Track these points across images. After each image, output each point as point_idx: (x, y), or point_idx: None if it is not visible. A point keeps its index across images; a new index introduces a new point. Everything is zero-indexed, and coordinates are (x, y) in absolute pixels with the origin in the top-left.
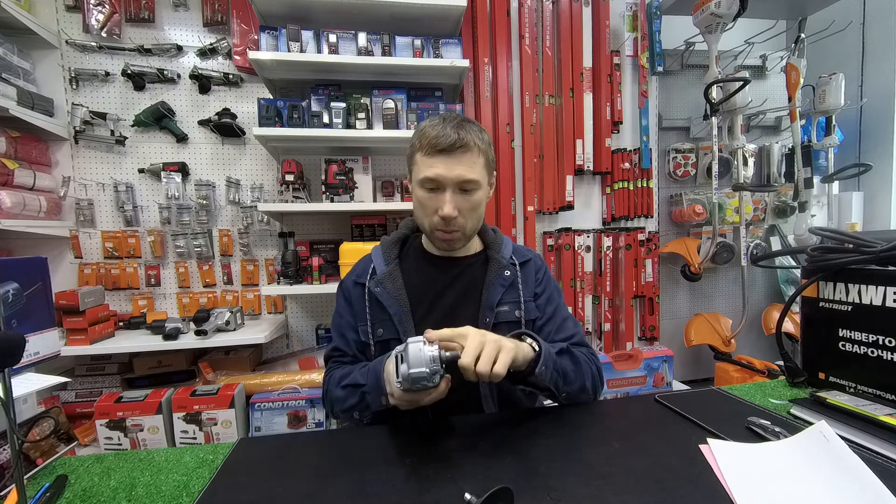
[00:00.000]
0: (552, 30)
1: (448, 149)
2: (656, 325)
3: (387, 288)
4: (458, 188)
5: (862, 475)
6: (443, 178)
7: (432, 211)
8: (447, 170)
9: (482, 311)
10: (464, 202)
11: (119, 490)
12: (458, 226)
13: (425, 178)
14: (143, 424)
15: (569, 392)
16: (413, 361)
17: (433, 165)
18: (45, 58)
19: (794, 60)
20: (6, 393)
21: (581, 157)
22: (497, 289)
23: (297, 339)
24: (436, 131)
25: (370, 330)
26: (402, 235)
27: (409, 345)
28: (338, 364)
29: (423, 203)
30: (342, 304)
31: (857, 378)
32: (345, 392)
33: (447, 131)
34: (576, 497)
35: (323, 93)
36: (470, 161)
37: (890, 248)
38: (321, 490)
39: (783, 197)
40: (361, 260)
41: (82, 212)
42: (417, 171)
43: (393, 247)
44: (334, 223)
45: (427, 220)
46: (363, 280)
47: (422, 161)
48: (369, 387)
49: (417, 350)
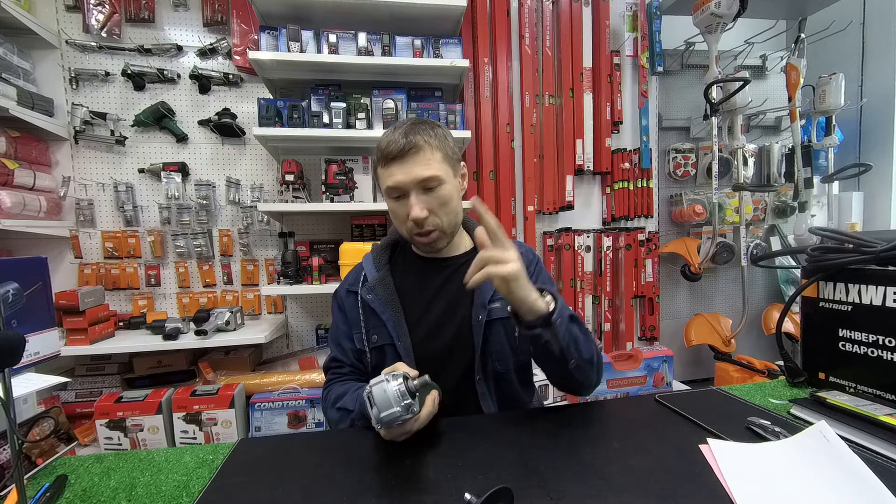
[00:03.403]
0: (552, 30)
1: (399, 155)
2: (656, 325)
3: (378, 294)
4: (420, 189)
5: (862, 475)
6: (402, 183)
7: (404, 218)
8: (404, 174)
9: (475, 308)
10: (431, 200)
11: (119, 490)
12: (434, 224)
13: (388, 188)
14: (143, 424)
15: (578, 361)
16: (381, 404)
17: (392, 174)
18: (45, 58)
19: (794, 60)
20: (6, 393)
21: (581, 157)
22: (488, 285)
23: (297, 339)
24: (386, 141)
25: (365, 337)
26: (392, 241)
27: (372, 388)
28: (336, 376)
29: (395, 212)
30: (337, 313)
31: (857, 378)
32: (338, 415)
33: (395, 137)
34: (576, 497)
35: (323, 93)
36: (424, 160)
37: (890, 248)
38: (321, 490)
39: (783, 197)
40: (354, 268)
41: (82, 212)
42: (381, 183)
43: (383, 252)
44: (334, 223)
45: (404, 228)
46: (355, 288)
47: (382, 173)
48: (356, 413)
49: (382, 392)
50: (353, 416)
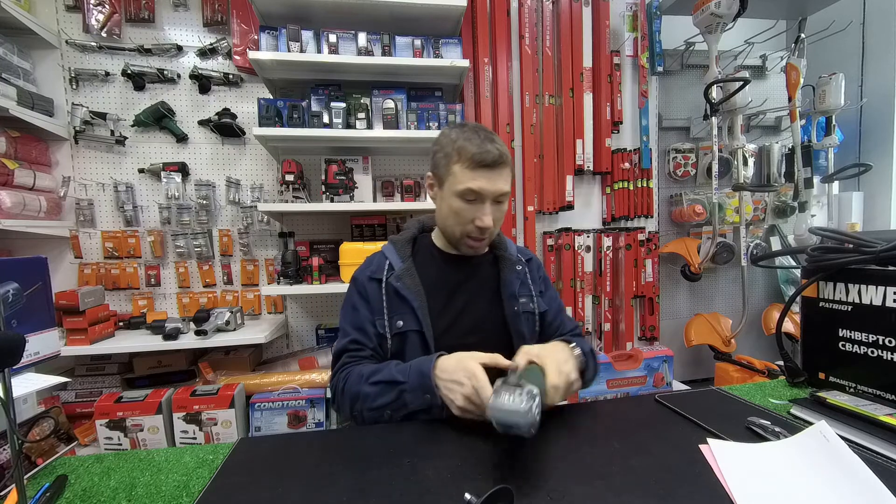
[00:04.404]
0: (552, 30)
1: (492, 164)
2: (656, 325)
3: (406, 283)
4: (494, 200)
5: (862, 475)
6: (485, 191)
7: (468, 220)
8: (489, 183)
9: (506, 300)
10: (497, 212)
11: (119, 490)
12: (490, 233)
13: (467, 190)
14: (143, 424)
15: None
16: (522, 415)
17: (476, 179)
18: (45, 58)
19: (794, 60)
20: (6, 393)
21: (581, 157)
22: (515, 281)
23: (296, 339)
24: (476, 146)
25: (388, 323)
26: (412, 235)
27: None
28: (354, 359)
29: (459, 212)
30: (357, 299)
31: (857, 378)
32: (377, 389)
33: (488, 147)
34: (576, 497)
35: (323, 93)
36: (506, 175)
37: (890, 248)
38: (321, 490)
39: (783, 197)
40: (373, 258)
41: (82, 212)
42: (455, 181)
43: (406, 245)
44: (334, 223)
45: (460, 228)
46: (379, 276)
47: (462, 173)
48: (411, 385)
49: (517, 409)
50: (404, 388)
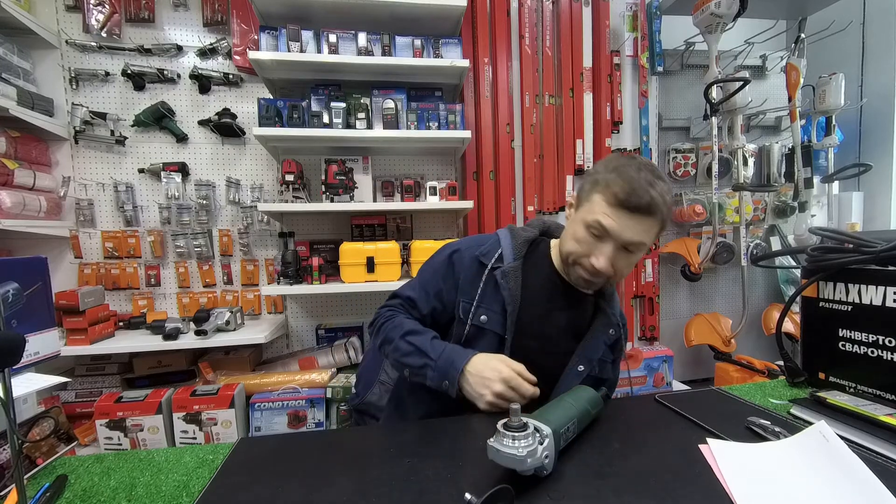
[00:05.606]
0: (552, 30)
1: (635, 209)
2: (656, 325)
3: (508, 282)
4: (623, 247)
5: (862, 475)
6: (614, 233)
7: (584, 254)
8: (622, 228)
9: (578, 358)
10: (622, 260)
11: (119, 490)
12: (606, 278)
13: (596, 223)
14: (143, 424)
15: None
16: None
17: (610, 216)
18: (45, 58)
19: (794, 60)
20: (6, 393)
21: (581, 156)
22: (601, 346)
23: (296, 339)
24: (627, 184)
25: (473, 309)
26: (533, 236)
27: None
28: (404, 311)
29: (580, 241)
30: (445, 268)
31: (857, 378)
32: (409, 347)
33: (640, 189)
34: (576, 497)
35: (323, 93)
36: (651, 226)
37: (890, 248)
38: (321, 490)
39: (783, 197)
40: (486, 238)
41: (82, 212)
42: (589, 209)
43: (523, 245)
44: (334, 223)
45: (573, 256)
46: (487, 261)
47: (599, 204)
48: (437, 366)
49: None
50: (430, 364)
